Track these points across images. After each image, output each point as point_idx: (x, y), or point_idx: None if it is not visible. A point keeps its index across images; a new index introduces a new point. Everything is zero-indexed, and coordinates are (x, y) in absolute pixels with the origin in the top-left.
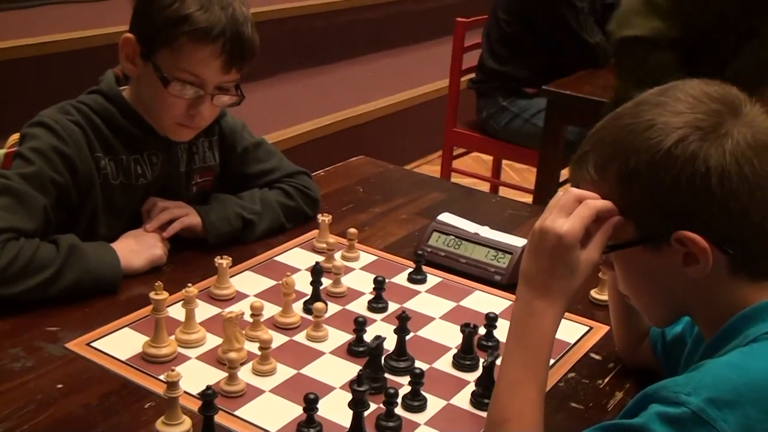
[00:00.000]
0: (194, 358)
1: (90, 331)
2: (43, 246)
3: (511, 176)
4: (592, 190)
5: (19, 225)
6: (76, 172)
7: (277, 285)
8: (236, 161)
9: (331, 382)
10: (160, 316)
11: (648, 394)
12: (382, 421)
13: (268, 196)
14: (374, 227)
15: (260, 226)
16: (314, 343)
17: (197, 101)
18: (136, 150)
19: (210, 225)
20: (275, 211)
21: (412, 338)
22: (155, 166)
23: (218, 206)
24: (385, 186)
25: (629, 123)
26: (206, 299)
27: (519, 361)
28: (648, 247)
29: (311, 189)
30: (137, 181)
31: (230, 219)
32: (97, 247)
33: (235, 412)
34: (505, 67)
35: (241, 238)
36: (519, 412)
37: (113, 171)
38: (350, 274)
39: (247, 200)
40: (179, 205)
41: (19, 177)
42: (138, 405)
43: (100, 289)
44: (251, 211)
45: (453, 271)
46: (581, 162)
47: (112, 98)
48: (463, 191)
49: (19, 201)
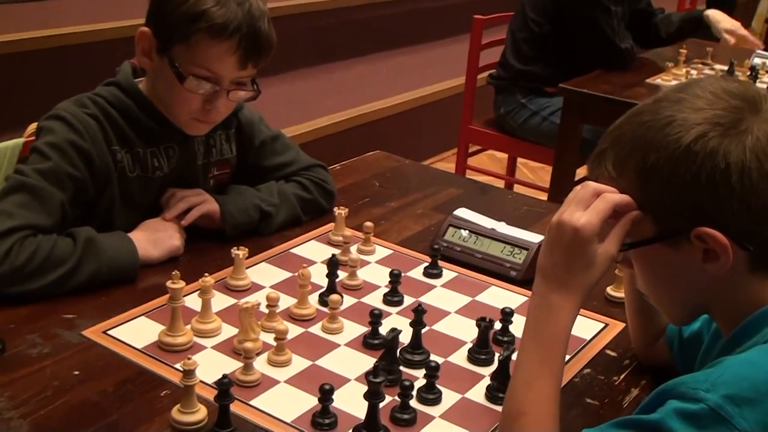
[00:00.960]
0: (210, 347)
1: (107, 319)
2: (60, 241)
3: (526, 174)
4: (607, 184)
5: (36, 221)
6: (93, 166)
7: (293, 277)
8: (253, 154)
9: (346, 374)
10: (176, 305)
11: (666, 390)
12: (397, 413)
13: (285, 188)
14: (390, 221)
15: (278, 218)
16: (329, 334)
17: (213, 96)
18: (153, 143)
19: (228, 214)
20: (292, 204)
21: (427, 332)
22: (172, 159)
23: (236, 197)
24: (401, 181)
25: (648, 120)
26: (222, 290)
27: (535, 355)
28: (667, 244)
29: (328, 182)
30: (154, 174)
31: (248, 210)
32: (114, 237)
33: (251, 402)
34: (529, 66)
35: (258, 230)
36: (535, 406)
37: (130, 164)
38: (366, 267)
39: (265, 192)
40: (197, 193)
41: (36, 173)
42: (154, 393)
43: (118, 279)
44: (269, 203)
45: (469, 266)
46: (600, 159)
47: (128, 91)
48: (478, 187)
49: (36, 197)
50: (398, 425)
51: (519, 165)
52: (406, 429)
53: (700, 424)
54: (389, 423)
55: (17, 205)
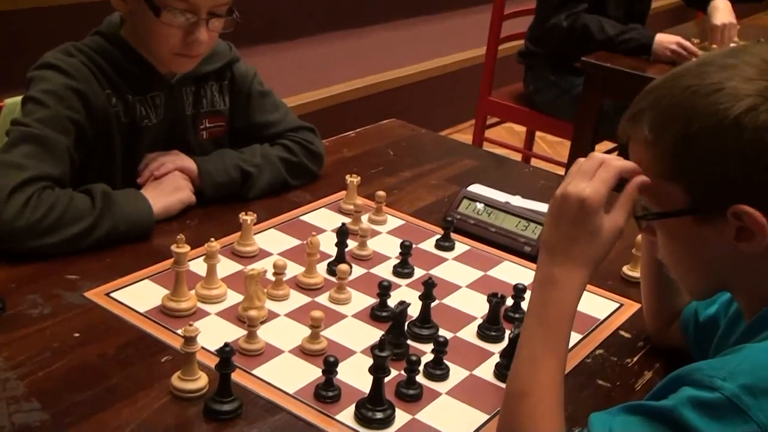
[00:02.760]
0: (214, 314)
1: (110, 281)
2: (77, 196)
3: (544, 149)
4: (643, 151)
5: (48, 171)
6: (91, 107)
7: (302, 245)
8: (242, 109)
9: (352, 346)
10: (181, 270)
11: (680, 376)
12: (403, 388)
13: (268, 151)
14: (403, 191)
15: (260, 180)
16: (337, 305)
17: (192, 28)
18: (139, 91)
19: (206, 173)
20: (276, 166)
21: (437, 305)
22: (159, 108)
23: (215, 157)
24: (415, 150)
25: (692, 84)
26: (229, 255)
27: (538, 333)
28: (698, 218)
29: (314, 144)
30: (142, 123)
31: (228, 169)
32: (129, 194)
33: (253, 371)
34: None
35: (241, 192)
36: (539, 386)
37: (123, 110)
38: (376, 237)
39: (246, 153)
40: (174, 154)
41: (37, 122)
42: (154, 358)
43: (133, 236)
44: (251, 164)
45: (482, 239)
46: (636, 119)
47: (110, 38)
48: (495, 159)
49: (43, 146)
50: (403, 401)
51: (537, 139)
52: (412, 405)
53: (714, 414)
54: (394, 398)
55: (26, 156)
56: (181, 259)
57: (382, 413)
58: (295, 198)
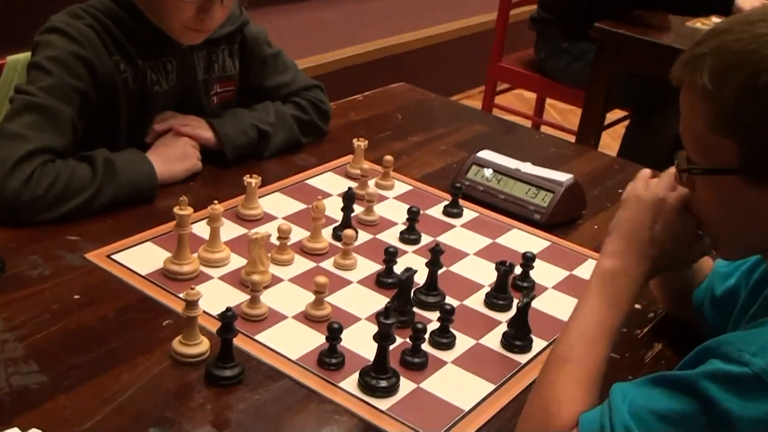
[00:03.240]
0: (216, 278)
1: (111, 243)
2: (78, 166)
3: (554, 116)
4: (698, 99)
5: (51, 143)
6: (96, 75)
7: (307, 209)
8: (255, 72)
9: (357, 313)
10: (183, 233)
11: (709, 349)
12: (408, 357)
13: (282, 109)
14: (411, 156)
15: (276, 138)
16: (342, 271)
17: (207, 5)
18: (150, 56)
19: (225, 137)
20: (289, 125)
21: (444, 273)
22: (170, 74)
23: (231, 119)
24: (424, 115)
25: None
26: (233, 218)
27: (597, 312)
28: (749, 178)
29: (324, 102)
30: (152, 89)
31: (246, 130)
32: (131, 157)
33: (255, 337)
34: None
35: (257, 152)
36: (584, 357)
37: (132, 75)
38: (383, 202)
39: (261, 112)
40: (191, 119)
41: (41, 90)
42: (155, 322)
43: (137, 200)
44: (266, 123)
45: (491, 206)
46: (694, 64)
47: (120, 2)
48: (505, 125)
49: (47, 117)
50: (408, 369)
51: (547, 107)
52: (416, 373)
53: (739, 390)
54: (399, 366)
55: (29, 127)
56: (184, 222)
57: (386, 381)
58: (300, 161)
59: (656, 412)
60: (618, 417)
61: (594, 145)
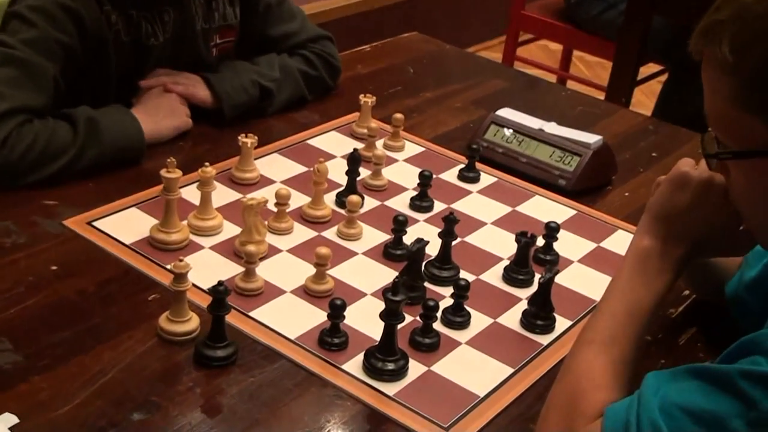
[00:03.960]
0: (207, 247)
1: (92, 209)
2: (58, 127)
3: (582, 70)
4: (719, 74)
5: (29, 102)
6: (84, 29)
7: (308, 172)
8: (258, 20)
9: (362, 288)
10: (171, 198)
11: (754, 342)
12: (418, 337)
13: (288, 63)
14: (424, 114)
15: (280, 96)
16: (346, 241)
17: None
18: (145, 6)
19: (224, 94)
20: (296, 81)
21: (458, 244)
22: (167, 25)
23: (231, 74)
24: (439, 68)
25: None
26: (226, 182)
27: (632, 297)
28: None
29: (335, 57)
30: (148, 41)
31: (246, 87)
32: (116, 115)
33: (250, 313)
34: None
35: (258, 110)
36: (612, 340)
37: (124, 28)
38: (392, 165)
39: (264, 66)
40: (185, 76)
41: (22, 43)
42: (141, 296)
43: (122, 162)
44: (269, 78)
45: (511, 170)
46: (711, 34)
47: None
48: (527, 80)
49: (27, 73)
50: (418, 350)
51: (574, 59)
52: (427, 355)
53: None
54: (408, 347)
55: (7, 84)
56: (172, 186)
57: (394, 364)
58: (301, 119)
59: (690, 411)
60: (646, 413)
61: (625, 103)
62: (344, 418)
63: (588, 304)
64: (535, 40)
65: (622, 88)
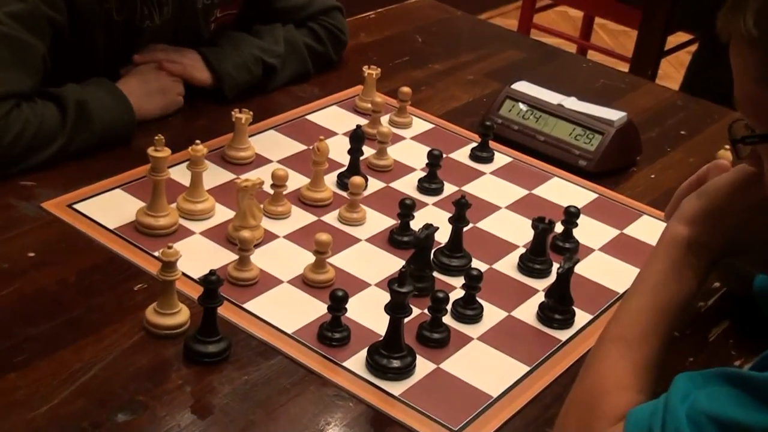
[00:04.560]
0: (198, 233)
1: (73, 190)
2: (47, 112)
3: (604, 39)
4: (745, 51)
5: (18, 87)
6: (75, 4)
7: (307, 151)
8: None
9: (366, 278)
10: (159, 178)
11: None
12: (426, 331)
13: (294, 36)
14: (433, 88)
15: (284, 72)
16: (348, 226)
17: None
18: None
19: (226, 75)
20: (302, 56)
21: (470, 230)
22: (165, 6)
23: (232, 50)
24: (449, 37)
25: None
26: (218, 161)
27: (663, 290)
28: None
29: (343, 31)
30: (142, 24)
31: (249, 65)
32: (106, 95)
33: (244, 305)
34: None
35: (259, 86)
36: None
37: (117, 5)
38: (399, 143)
39: (267, 40)
40: (182, 54)
41: (10, 17)
42: (126, 286)
43: (113, 142)
44: (273, 54)
45: (527, 150)
46: (736, 8)
47: None
48: (545, 51)
49: (15, 52)
50: (426, 346)
51: (596, 27)
52: (436, 351)
53: None
54: (415, 343)
55: None
56: (160, 166)
57: (400, 361)
58: (300, 92)
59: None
60: (672, 421)
61: (652, 76)
62: (346, 420)
63: (610, 297)
64: (553, 6)
65: (648, 59)
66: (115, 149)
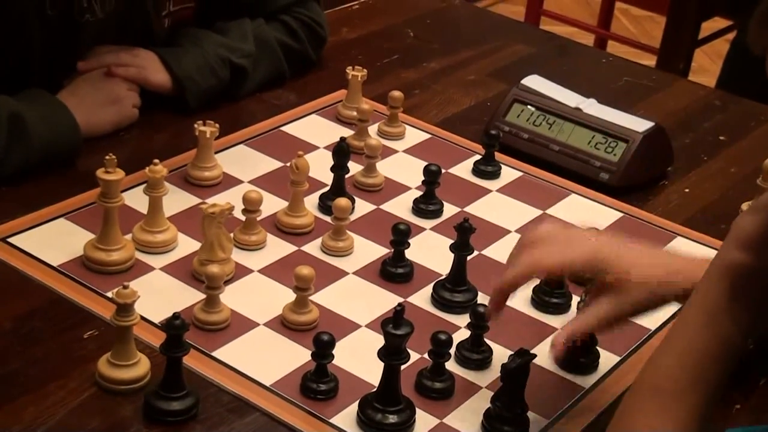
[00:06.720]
0: (158, 269)
1: (8, 220)
2: None
3: (626, 27)
4: None
5: None
6: None
7: (284, 168)
8: None
9: (355, 318)
10: (111, 205)
11: None
12: (426, 380)
13: (265, 32)
14: (428, 91)
15: (255, 75)
16: (333, 257)
17: None
18: None
19: (188, 80)
20: (276, 56)
21: (474, 259)
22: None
23: (193, 49)
24: (446, 30)
25: None
26: (180, 183)
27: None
28: None
29: (321, 25)
30: (82, 18)
31: (214, 67)
32: (45, 110)
33: (214, 353)
34: None
35: (228, 92)
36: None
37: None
38: (390, 157)
39: (235, 37)
40: (134, 54)
41: None
42: (73, 333)
43: (54, 163)
44: (242, 54)
45: (540, 162)
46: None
47: None
48: (558, 44)
49: None
50: (427, 397)
51: (617, 13)
52: (439, 403)
53: None
54: (414, 394)
55: None
56: (112, 190)
57: (397, 416)
58: (274, 99)
59: None
60: None
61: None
62: None
63: (641, 335)
64: None
65: (679, 50)
66: (58, 171)
